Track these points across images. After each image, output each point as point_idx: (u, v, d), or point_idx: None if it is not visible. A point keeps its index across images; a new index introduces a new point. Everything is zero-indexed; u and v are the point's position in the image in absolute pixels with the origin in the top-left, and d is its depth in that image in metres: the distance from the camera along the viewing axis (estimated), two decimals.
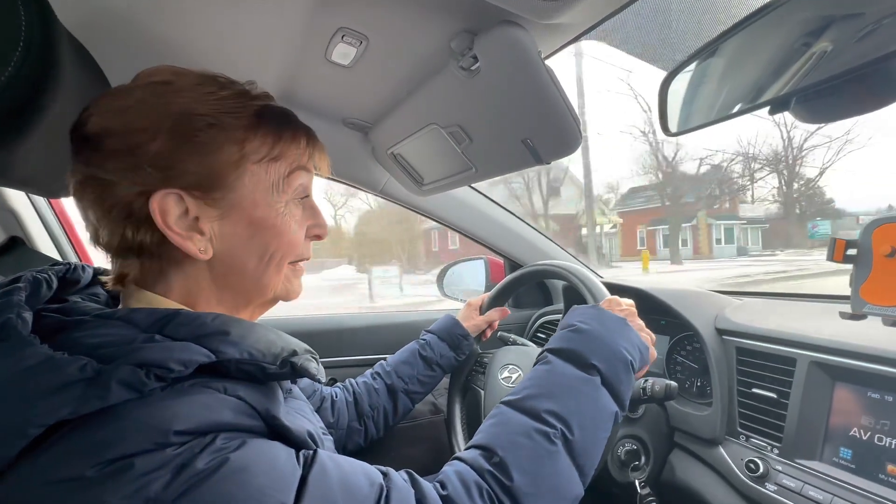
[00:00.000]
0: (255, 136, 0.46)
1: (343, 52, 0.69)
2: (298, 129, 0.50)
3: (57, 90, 0.44)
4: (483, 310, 0.98)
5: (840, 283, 0.66)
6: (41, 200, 1.02)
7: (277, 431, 0.40)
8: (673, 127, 0.63)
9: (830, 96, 0.52)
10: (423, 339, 0.94)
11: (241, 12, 0.63)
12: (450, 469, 0.48)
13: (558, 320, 1.06)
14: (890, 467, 0.58)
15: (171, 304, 0.45)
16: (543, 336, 1.31)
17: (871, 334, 0.64)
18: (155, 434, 0.33)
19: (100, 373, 0.33)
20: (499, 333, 1.12)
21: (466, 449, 0.51)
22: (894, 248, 0.57)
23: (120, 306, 0.46)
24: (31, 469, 0.31)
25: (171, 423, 0.33)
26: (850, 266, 0.63)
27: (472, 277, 1.50)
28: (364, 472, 0.42)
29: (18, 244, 0.86)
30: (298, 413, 0.50)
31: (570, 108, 0.61)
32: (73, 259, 1.13)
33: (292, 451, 0.39)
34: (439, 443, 1.10)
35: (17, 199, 0.94)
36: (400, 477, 0.44)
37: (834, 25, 0.44)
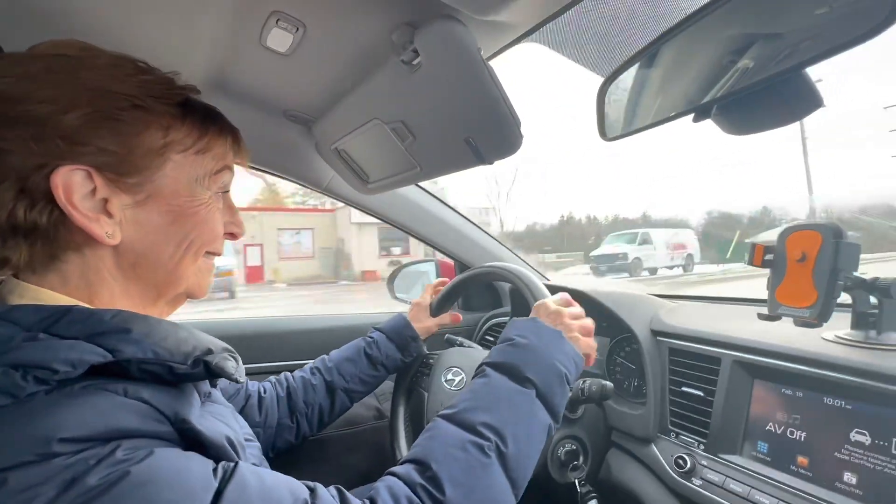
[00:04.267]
0: (182, 126, 0.45)
1: (279, 38, 0.65)
2: (224, 126, 0.50)
3: None
4: (432, 310, 0.97)
5: None
6: None
7: (190, 437, 0.37)
8: (610, 132, 0.64)
9: (750, 109, 0.55)
10: (371, 338, 0.92)
11: None
12: (381, 484, 0.46)
13: (506, 323, 1.07)
14: (800, 459, 0.62)
15: (62, 298, 0.40)
16: (492, 339, 1.31)
17: (785, 334, 0.69)
18: (34, 444, 0.29)
19: None
20: (446, 336, 1.11)
21: (401, 463, 0.50)
22: (805, 253, 0.62)
23: None
24: None
25: (54, 431, 0.30)
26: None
27: (423, 280, 1.49)
28: (288, 487, 0.39)
29: None
30: (217, 418, 0.46)
31: (511, 109, 0.60)
32: None
33: (209, 463, 0.36)
34: (381, 449, 1.07)
35: None
36: (328, 493, 0.42)
37: (750, 42, 0.46)
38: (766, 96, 0.52)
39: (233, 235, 0.53)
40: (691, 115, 0.49)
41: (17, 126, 0.37)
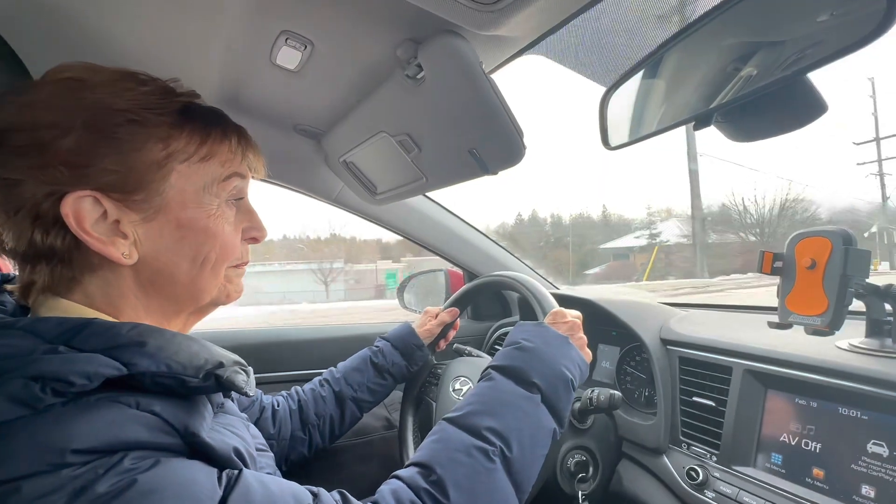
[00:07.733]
0: (181, 135, 0.43)
1: (288, 57, 0.68)
2: (228, 128, 0.48)
3: None
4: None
5: None
6: None
7: (198, 449, 0.38)
8: (613, 141, 0.65)
9: (755, 116, 0.55)
10: (376, 346, 0.93)
11: (178, 10, 0.61)
12: (386, 488, 0.47)
13: None
14: (815, 471, 0.60)
15: (87, 311, 0.41)
16: (501, 348, 1.31)
17: (798, 343, 0.67)
18: (49, 454, 0.30)
19: None
20: (455, 345, 1.11)
21: (406, 466, 0.50)
22: (814, 260, 0.61)
23: (30, 316, 0.42)
24: None
25: (68, 442, 0.31)
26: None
27: (433, 289, 1.49)
28: (292, 494, 0.40)
29: None
30: (227, 429, 0.47)
31: (514, 120, 0.61)
32: None
33: (214, 470, 0.37)
34: (391, 458, 1.07)
35: None
36: (331, 498, 0.42)
37: (751, 49, 0.46)
38: (770, 103, 0.52)
39: (254, 240, 0.52)
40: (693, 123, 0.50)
41: (23, 155, 0.38)
